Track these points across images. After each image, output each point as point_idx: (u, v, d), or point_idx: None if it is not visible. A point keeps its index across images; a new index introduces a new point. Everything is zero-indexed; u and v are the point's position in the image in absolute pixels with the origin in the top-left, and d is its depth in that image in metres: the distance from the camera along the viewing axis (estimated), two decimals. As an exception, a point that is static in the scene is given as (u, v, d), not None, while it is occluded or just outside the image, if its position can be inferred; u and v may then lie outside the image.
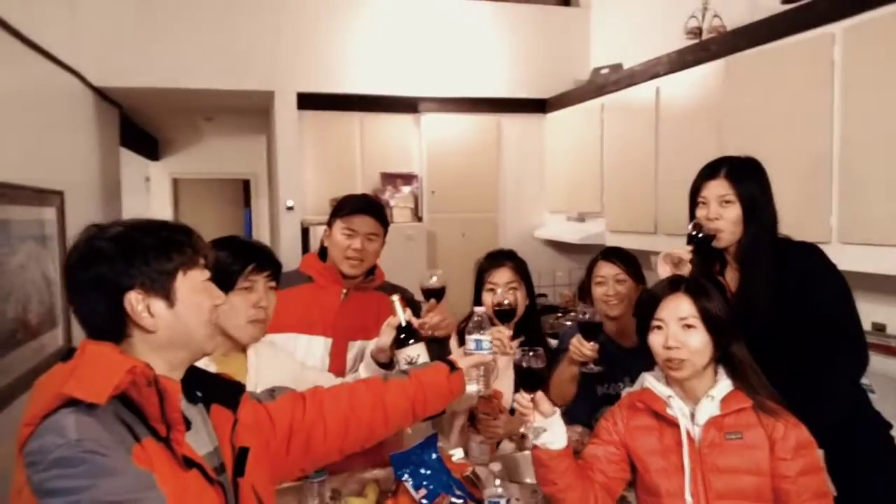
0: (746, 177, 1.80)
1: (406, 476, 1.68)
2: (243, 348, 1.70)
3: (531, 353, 1.57)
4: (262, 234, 7.14)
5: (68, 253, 1.12)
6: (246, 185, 7.58)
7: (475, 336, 1.63)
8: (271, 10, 4.18)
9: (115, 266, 1.09)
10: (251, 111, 5.21)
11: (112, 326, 1.11)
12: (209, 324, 1.18)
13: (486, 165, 4.59)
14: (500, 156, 4.64)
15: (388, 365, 1.82)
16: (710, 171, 1.84)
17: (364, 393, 1.46)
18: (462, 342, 1.88)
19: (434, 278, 1.91)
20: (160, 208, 7.24)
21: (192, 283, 1.15)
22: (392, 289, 2.22)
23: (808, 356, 1.72)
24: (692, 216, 1.87)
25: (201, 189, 7.62)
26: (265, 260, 1.68)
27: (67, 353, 1.11)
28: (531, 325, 2.29)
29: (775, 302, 1.72)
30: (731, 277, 1.85)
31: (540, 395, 1.54)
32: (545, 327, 3.55)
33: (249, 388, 1.65)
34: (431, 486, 1.67)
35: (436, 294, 1.91)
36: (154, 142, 6.92)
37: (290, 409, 1.38)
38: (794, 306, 1.73)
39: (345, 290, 2.11)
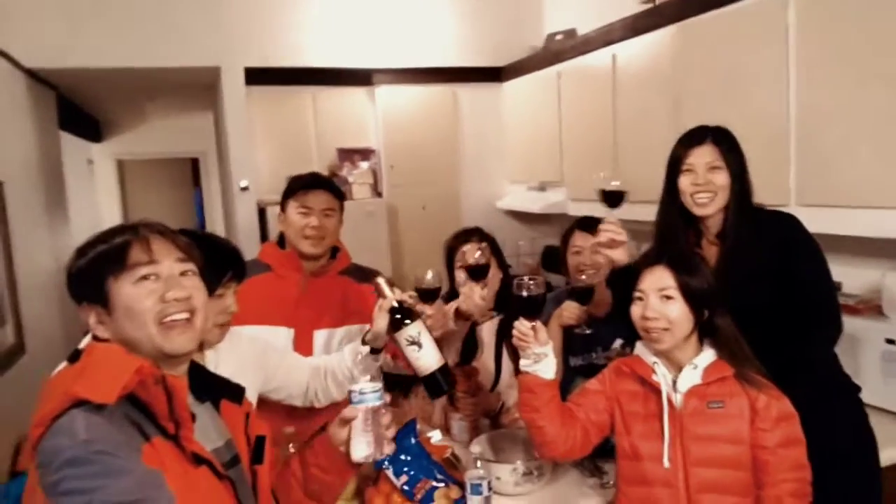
0: (731, 145, 1.79)
1: (386, 464, 1.67)
2: (200, 346, 1.64)
3: (531, 281, 1.56)
4: (214, 215, 6.95)
5: None
6: (195, 164, 7.34)
7: (349, 385, 1.31)
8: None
9: (71, 284, 1.14)
10: (195, 87, 5.01)
11: (94, 335, 1.13)
12: (153, 324, 1.09)
13: (444, 137, 4.52)
14: (458, 127, 4.58)
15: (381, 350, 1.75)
16: (695, 139, 1.81)
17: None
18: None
19: (430, 275, 1.83)
20: (106, 192, 6.98)
21: (123, 287, 1.10)
22: (360, 271, 2.18)
23: (785, 325, 1.73)
24: (670, 186, 1.84)
25: (148, 170, 7.38)
26: (239, 268, 1.62)
27: (74, 354, 1.13)
28: (508, 298, 2.27)
29: (754, 272, 1.72)
30: (707, 250, 1.84)
31: (539, 324, 1.56)
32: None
33: None
34: (412, 472, 1.67)
35: (430, 295, 1.84)
36: (95, 123, 6.61)
37: None
38: (772, 276, 1.74)
39: (304, 278, 2.05)
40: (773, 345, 1.65)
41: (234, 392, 1.28)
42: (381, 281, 1.67)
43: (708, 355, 1.55)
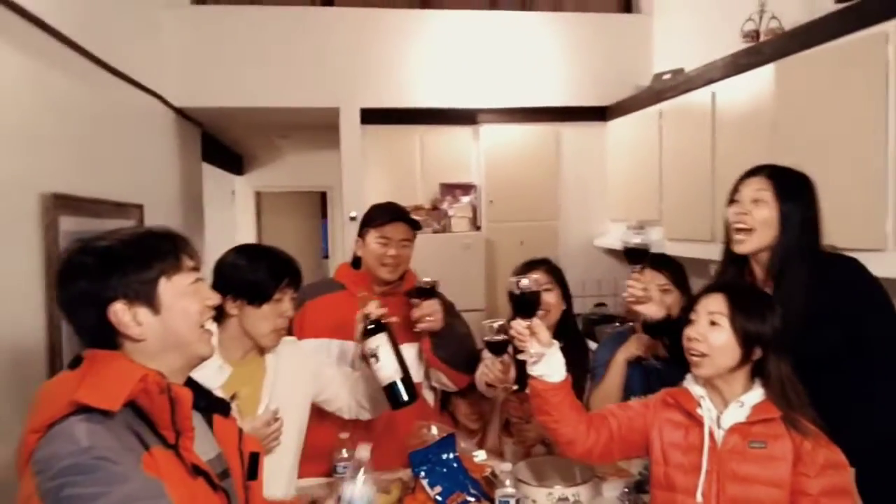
0: (789, 184, 1.74)
1: (423, 474, 1.76)
2: (261, 351, 1.83)
3: (524, 280, 1.58)
4: (336, 244, 7.44)
5: (56, 268, 1.13)
6: (323, 197, 7.92)
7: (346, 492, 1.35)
8: (336, 30, 4.39)
9: (95, 280, 1.09)
10: (323, 127, 5.46)
11: (103, 337, 1.11)
12: (199, 326, 1.17)
13: (545, 174, 4.61)
14: (559, 164, 4.65)
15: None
16: (751, 171, 1.79)
17: None
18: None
19: (426, 280, 2.09)
20: (244, 220, 7.68)
21: (178, 288, 1.14)
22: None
23: (846, 375, 1.65)
24: None
25: (282, 201, 8.02)
26: (295, 275, 1.81)
27: (75, 360, 1.12)
28: (569, 329, 2.30)
29: (810, 318, 1.64)
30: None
31: (537, 322, 1.57)
32: (603, 336, 3.52)
33: (267, 386, 1.79)
34: (447, 485, 1.74)
35: (423, 293, 2.07)
36: (239, 158, 7.35)
37: None
38: (831, 323, 1.65)
39: (374, 297, 2.20)
40: (832, 394, 1.57)
41: (222, 406, 1.29)
42: (362, 294, 1.87)
43: (756, 394, 1.51)
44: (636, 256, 1.84)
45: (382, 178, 4.56)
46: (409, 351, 2.17)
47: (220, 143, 6.14)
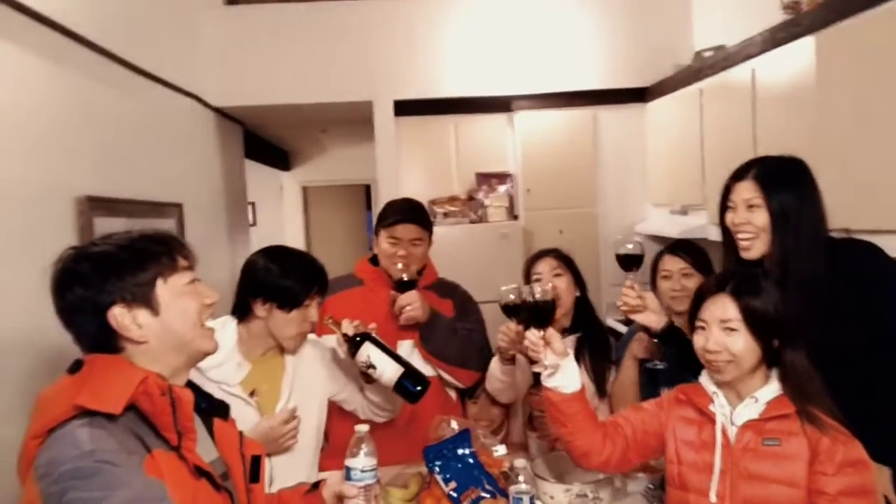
0: (779, 180, 1.65)
1: (437, 469, 1.75)
2: (281, 349, 1.85)
3: (538, 288, 1.54)
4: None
5: (51, 278, 1.13)
6: (368, 189, 7.98)
7: (349, 461, 1.35)
8: (367, 25, 4.39)
9: (91, 286, 1.10)
10: (362, 121, 5.49)
11: (105, 342, 1.12)
12: (199, 325, 1.18)
13: (582, 160, 4.50)
14: (597, 149, 4.55)
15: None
16: (739, 173, 1.71)
17: None
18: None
19: (404, 275, 2.08)
20: (293, 215, 7.83)
21: (175, 289, 1.16)
22: (443, 287, 2.29)
23: (871, 369, 1.57)
24: (722, 220, 1.76)
25: (328, 196, 8.13)
26: (324, 282, 1.83)
27: (74, 365, 1.13)
28: (586, 317, 2.25)
29: (828, 311, 1.55)
30: None
31: (552, 331, 1.54)
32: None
33: (286, 383, 1.80)
34: (462, 480, 1.72)
35: (403, 286, 2.06)
36: (285, 154, 7.49)
37: None
38: (851, 314, 1.57)
39: (392, 293, 2.20)
40: (857, 389, 1.49)
41: (222, 409, 1.30)
42: (328, 322, 1.82)
43: (772, 389, 1.45)
44: (629, 263, 1.79)
45: (418, 169, 4.56)
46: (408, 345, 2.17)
47: (265, 140, 6.26)
